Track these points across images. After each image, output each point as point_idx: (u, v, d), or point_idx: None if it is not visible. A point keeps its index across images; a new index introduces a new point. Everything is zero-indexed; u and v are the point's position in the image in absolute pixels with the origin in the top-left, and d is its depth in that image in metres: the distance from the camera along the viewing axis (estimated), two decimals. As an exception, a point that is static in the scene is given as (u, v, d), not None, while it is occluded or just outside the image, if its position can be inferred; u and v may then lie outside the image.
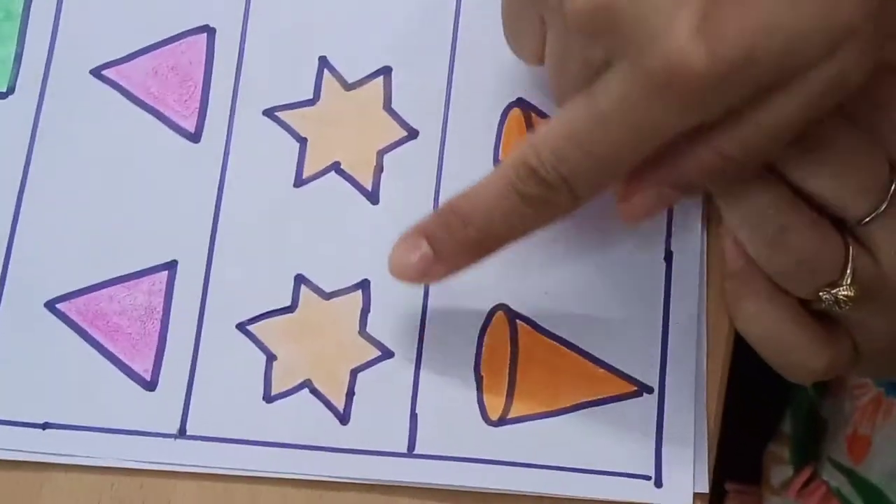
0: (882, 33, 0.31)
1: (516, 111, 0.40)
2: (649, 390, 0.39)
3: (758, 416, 0.60)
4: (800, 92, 0.31)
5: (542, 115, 0.40)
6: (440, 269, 0.35)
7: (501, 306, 0.39)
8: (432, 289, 0.39)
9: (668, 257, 0.39)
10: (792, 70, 0.30)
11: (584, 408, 0.38)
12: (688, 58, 0.29)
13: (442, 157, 0.40)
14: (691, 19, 0.29)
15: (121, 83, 0.40)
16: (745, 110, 0.31)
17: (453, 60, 0.40)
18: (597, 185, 0.33)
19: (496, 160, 0.40)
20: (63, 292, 0.39)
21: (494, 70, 0.40)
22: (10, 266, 0.39)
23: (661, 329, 0.39)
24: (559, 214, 0.34)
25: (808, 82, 0.31)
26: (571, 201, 0.33)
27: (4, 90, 0.40)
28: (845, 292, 0.36)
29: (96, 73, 0.40)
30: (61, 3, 0.41)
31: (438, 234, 0.35)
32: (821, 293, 0.37)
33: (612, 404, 0.39)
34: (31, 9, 0.41)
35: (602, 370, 0.39)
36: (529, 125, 0.40)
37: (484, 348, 0.39)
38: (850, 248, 0.36)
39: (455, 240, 0.35)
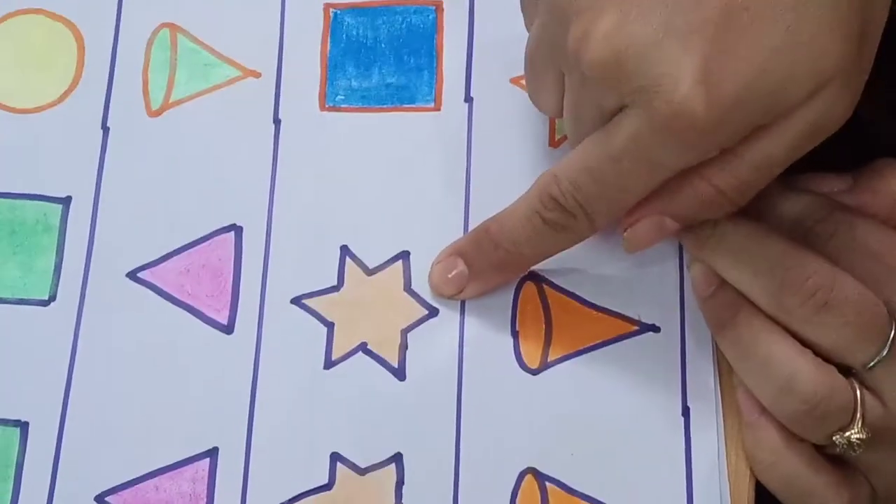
0: (861, 75, 0.35)
1: (529, 284, 0.43)
2: (675, 542, 0.40)
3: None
4: (786, 130, 0.35)
5: (555, 286, 0.42)
6: (474, 286, 0.41)
7: (530, 469, 0.41)
8: (462, 456, 0.41)
9: (686, 413, 0.41)
10: (779, 111, 0.34)
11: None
12: (690, 104, 0.33)
13: (462, 333, 0.42)
14: (693, 70, 0.33)
15: (156, 283, 0.43)
16: (737, 148, 0.35)
17: None
18: (610, 212, 0.38)
19: (514, 332, 0.42)
20: (111, 485, 0.41)
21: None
22: (60, 463, 0.41)
23: (684, 483, 0.40)
24: (578, 238, 0.39)
25: (794, 121, 0.34)
26: (588, 226, 0.38)
27: (46, 298, 0.43)
28: (857, 435, 0.38)
29: (132, 275, 0.43)
30: (96, 213, 0.44)
31: (472, 254, 0.41)
32: (834, 437, 0.38)
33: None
34: (69, 220, 0.44)
35: (627, 528, 0.40)
36: (542, 297, 0.42)
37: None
38: (858, 391, 0.38)
39: (487, 259, 0.41)
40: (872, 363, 0.38)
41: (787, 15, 0.33)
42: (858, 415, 0.38)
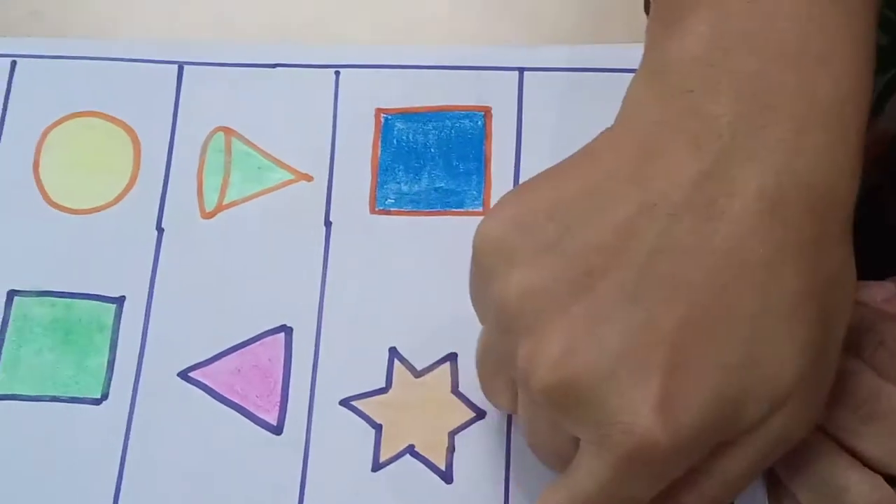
0: (823, 387, 0.35)
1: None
2: None
3: None
4: (748, 447, 0.34)
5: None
6: None
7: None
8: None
9: (734, 522, 0.41)
10: (740, 429, 0.33)
11: None
12: (650, 434, 0.31)
13: (509, 435, 0.42)
14: (650, 398, 0.31)
15: (207, 383, 0.43)
16: (703, 465, 0.34)
17: None
18: None
19: (561, 434, 0.42)
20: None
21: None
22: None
23: None
24: None
25: (755, 438, 0.33)
26: None
27: (98, 397, 0.43)
28: (906, 546, 0.38)
29: (183, 375, 0.44)
30: (149, 312, 0.44)
31: None
32: (882, 548, 0.38)
33: None
34: (122, 320, 0.44)
35: None
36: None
37: None
38: (905, 501, 0.38)
39: None
40: (919, 474, 0.38)
41: (742, 326, 0.32)
42: (907, 525, 0.38)
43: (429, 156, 0.46)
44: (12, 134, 0.47)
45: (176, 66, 0.47)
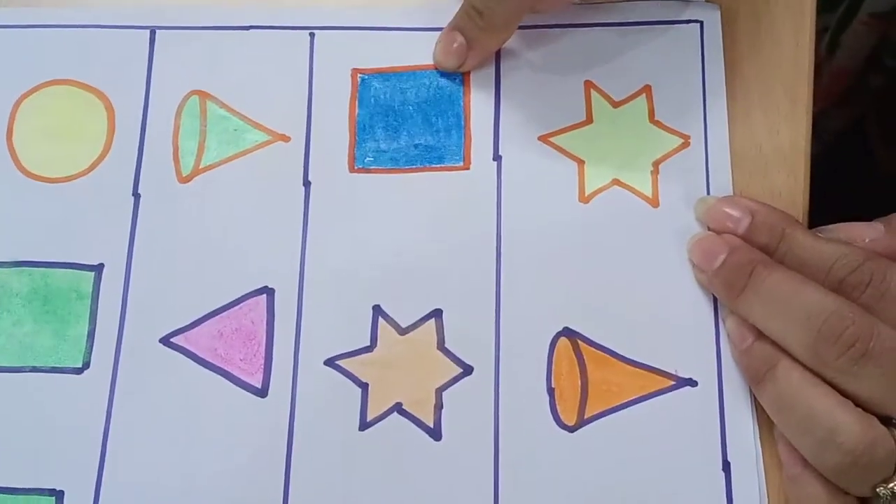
0: None
1: (564, 340, 0.42)
2: None
3: None
4: None
5: (589, 342, 0.42)
6: (473, 56, 0.45)
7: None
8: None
9: (727, 467, 0.41)
10: None
11: None
12: None
13: (497, 390, 0.42)
14: None
15: (189, 348, 0.43)
16: None
17: (499, 297, 0.43)
18: None
19: (549, 388, 0.42)
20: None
21: (540, 302, 0.43)
22: (96, 534, 0.41)
23: (728, 538, 0.40)
24: None
25: None
26: None
27: (80, 366, 0.43)
28: (901, 486, 0.38)
29: (165, 341, 0.43)
30: (129, 279, 0.44)
31: (465, 25, 0.45)
32: (877, 489, 0.38)
33: None
34: (101, 288, 0.44)
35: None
36: (577, 352, 0.42)
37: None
38: (900, 442, 0.38)
39: (476, 25, 0.44)
40: (914, 414, 0.38)
41: None
42: (902, 465, 0.38)
43: (407, 113, 0.45)
44: (-15, 104, 0.47)
45: (148, 32, 0.47)
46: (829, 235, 0.41)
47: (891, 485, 0.38)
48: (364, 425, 0.42)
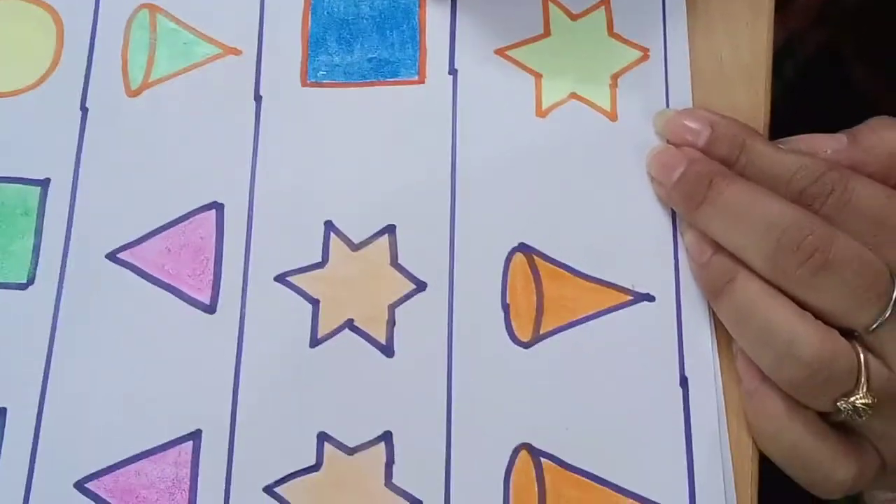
0: None
1: (519, 255, 0.41)
2: (679, 517, 0.39)
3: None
4: None
5: (545, 257, 0.41)
6: None
7: (524, 445, 0.39)
8: (454, 433, 0.39)
9: (684, 383, 0.40)
10: None
11: (617, 539, 0.38)
12: None
13: (451, 307, 0.41)
14: None
15: (136, 264, 0.42)
16: None
17: (454, 212, 0.42)
18: None
19: (504, 305, 0.41)
20: (91, 471, 0.39)
21: (495, 218, 0.42)
22: (38, 449, 0.40)
23: (684, 455, 0.39)
24: None
25: None
26: None
27: (25, 281, 0.42)
28: (863, 400, 0.37)
29: (112, 256, 0.42)
30: (75, 194, 0.43)
31: None
32: (838, 403, 0.37)
33: (643, 533, 0.39)
34: (47, 203, 0.43)
35: (631, 500, 0.39)
36: (533, 268, 0.41)
37: (511, 490, 0.39)
38: (861, 355, 0.37)
39: None
40: (875, 325, 0.37)
41: None
42: (863, 379, 0.37)
43: (361, 26, 0.44)
44: (-70, 21, 0.46)
45: None
46: (791, 146, 0.40)
47: (851, 398, 0.37)
48: (315, 342, 0.41)
